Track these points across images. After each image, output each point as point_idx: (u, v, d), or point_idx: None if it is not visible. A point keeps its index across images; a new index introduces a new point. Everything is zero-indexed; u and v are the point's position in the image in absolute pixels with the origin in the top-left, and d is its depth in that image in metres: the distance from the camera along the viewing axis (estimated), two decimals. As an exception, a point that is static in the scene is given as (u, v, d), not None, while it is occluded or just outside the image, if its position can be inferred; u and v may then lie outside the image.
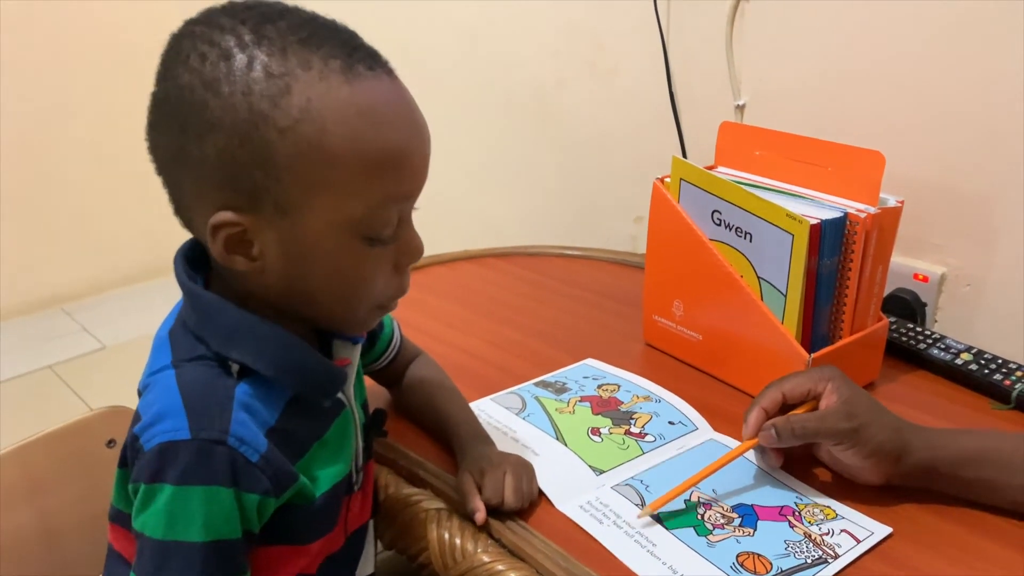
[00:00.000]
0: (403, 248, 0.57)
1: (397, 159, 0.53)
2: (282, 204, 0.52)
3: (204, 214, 0.53)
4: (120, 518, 0.58)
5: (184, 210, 0.56)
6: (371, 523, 0.70)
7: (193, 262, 0.58)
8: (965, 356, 0.86)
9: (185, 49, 0.51)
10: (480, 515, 0.65)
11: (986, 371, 0.84)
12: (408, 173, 0.54)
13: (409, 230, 0.57)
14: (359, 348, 0.65)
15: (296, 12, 0.53)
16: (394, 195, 0.54)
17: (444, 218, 1.58)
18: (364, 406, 0.69)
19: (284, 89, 0.50)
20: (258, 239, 0.53)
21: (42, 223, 2.32)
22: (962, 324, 0.97)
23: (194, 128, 0.51)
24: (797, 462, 0.72)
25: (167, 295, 0.59)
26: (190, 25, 0.53)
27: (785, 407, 0.71)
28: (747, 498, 0.69)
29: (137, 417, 0.54)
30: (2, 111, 2.16)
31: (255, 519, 0.54)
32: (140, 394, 0.57)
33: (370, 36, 0.56)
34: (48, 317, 2.35)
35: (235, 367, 0.55)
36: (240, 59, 0.50)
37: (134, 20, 2.31)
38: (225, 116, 0.50)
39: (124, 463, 0.56)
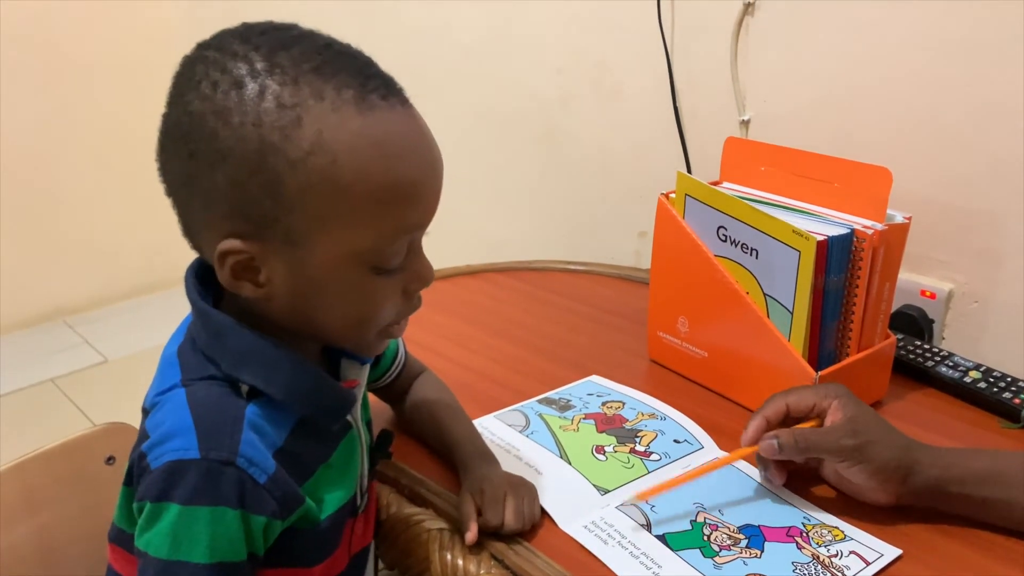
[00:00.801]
0: (412, 275, 0.57)
1: (409, 191, 0.53)
2: (291, 235, 0.51)
3: (212, 240, 0.52)
4: (121, 539, 0.57)
5: (193, 234, 0.55)
6: (372, 544, 0.69)
7: (203, 279, 0.58)
8: (974, 374, 0.85)
9: (197, 74, 0.51)
10: (470, 535, 0.64)
11: (995, 389, 0.83)
12: (420, 204, 0.54)
13: (419, 257, 0.57)
14: (367, 369, 0.65)
15: (311, 38, 0.52)
16: (405, 226, 0.54)
17: (446, 234, 1.57)
18: (368, 425, 0.68)
19: (295, 121, 0.49)
20: (265, 267, 0.53)
21: (45, 235, 2.32)
22: (970, 341, 0.96)
23: (204, 156, 0.50)
24: (804, 481, 0.71)
25: (170, 308, 0.59)
26: (202, 49, 0.52)
27: (789, 420, 0.70)
28: (754, 519, 0.68)
29: (145, 435, 0.53)
30: (4, 123, 2.16)
31: (260, 542, 0.53)
32: (146, 412, 0.56)
33: (373, 55, 0.55)
34: (50, 330, 2.34)
35: (245, 388, 0.54)
36: (252, 88, 0.49)
37: (138, 32, 2.32)
38: (235, 146, 0.49)
39: (130, 481, 0.55)
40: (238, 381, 0.54)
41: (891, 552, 0.64)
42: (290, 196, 0.50)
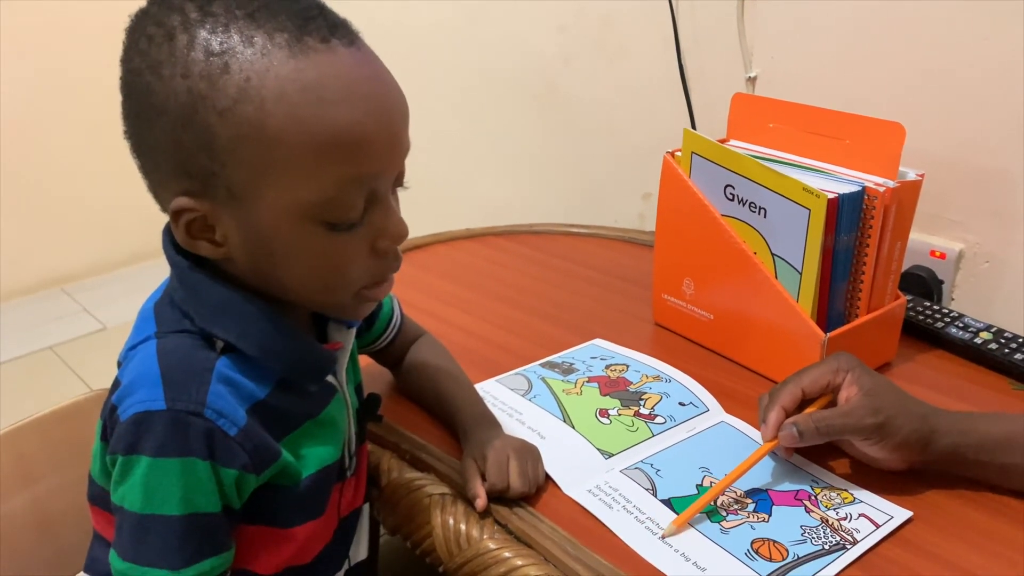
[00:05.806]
0: (377, 231, 0.53)
1: (349, 138, 0.49)
2: (233, 189, 0.49)
3: (167, 199, 0.51)
4: (101, 497, 0.56)
5: (155, 196, 0.54)
6: (365, 507, 0.68)
7: None
8: (984, 335, 0.84)
9: (138, 32, 0.50)
10: (480, 501, 0.63)
11: (1006, 350, 0.81)
12: (367, 153, 0.50)
13: (384, 212, 0.53)
14: (353, 332, 0.63)
15: None
16: (352, 177, 0.50)
17: (447, 198, 1.56)
18: (358, 389, 0.67)
19: (222, 68, 0.47)
20: (219, 225, 0.51)
21: (43, 203, 2.30)
22: (980, 302, 0.94)
23: (145, 114, 0.50)
24: (812, 446, 0.70)
25: (168, 275, 0.58)
26: (146, 6, 0.51)
27: (803, 402, 0.68)
28: (761, 483, 0.67)
29: (116, 386, 0.53)
30: (2, 91, 2.13)
31: (234, 495, 0.52)
32: (119, 365, 0.55)
33: (369, 16, 0.53)
34: (49, 298, 2.33)
35: (220, 344, 0.53)
36: (182, 39, 0.48)
37: (134, 1, 2.27)
38: (168, 100, 0.48)
39: (104, 435, 0.54)
40: (211, 335, 0.53)
41: (901, 514, 0.63)
42: (223, 148, 0.48)
